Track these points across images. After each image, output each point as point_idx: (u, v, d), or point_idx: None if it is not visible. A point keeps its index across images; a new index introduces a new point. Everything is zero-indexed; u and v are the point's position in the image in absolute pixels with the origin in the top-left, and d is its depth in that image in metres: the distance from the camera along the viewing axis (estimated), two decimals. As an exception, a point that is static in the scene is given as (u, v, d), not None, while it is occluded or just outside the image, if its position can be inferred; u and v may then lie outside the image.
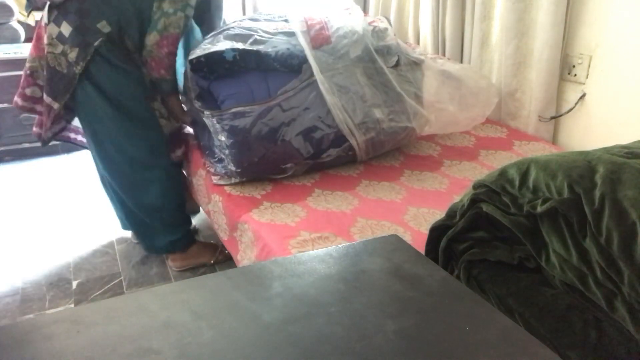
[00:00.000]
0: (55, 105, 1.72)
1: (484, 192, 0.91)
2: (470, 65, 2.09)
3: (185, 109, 1.83)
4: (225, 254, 1.96)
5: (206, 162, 1.70)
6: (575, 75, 1.77)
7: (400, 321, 0.64)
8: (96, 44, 1.61)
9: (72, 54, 1.62)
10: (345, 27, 1.61)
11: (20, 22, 3.15)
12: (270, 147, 1.52)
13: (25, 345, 0.60)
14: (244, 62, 1.54)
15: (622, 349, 0.76)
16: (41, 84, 1.78)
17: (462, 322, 0.64)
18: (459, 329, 0.63)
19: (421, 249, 0.97)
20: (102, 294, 1.85)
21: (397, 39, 1.73)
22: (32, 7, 1.72)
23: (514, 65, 1.89)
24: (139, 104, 1.74)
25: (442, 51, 2.22)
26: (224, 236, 1.59)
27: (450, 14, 2.12)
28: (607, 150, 0.91)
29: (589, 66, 1.72)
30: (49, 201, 2.51)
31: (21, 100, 1.85)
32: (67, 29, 1.61)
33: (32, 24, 3.17)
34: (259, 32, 1.60)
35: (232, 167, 1.54)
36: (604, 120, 1.71)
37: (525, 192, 0.86)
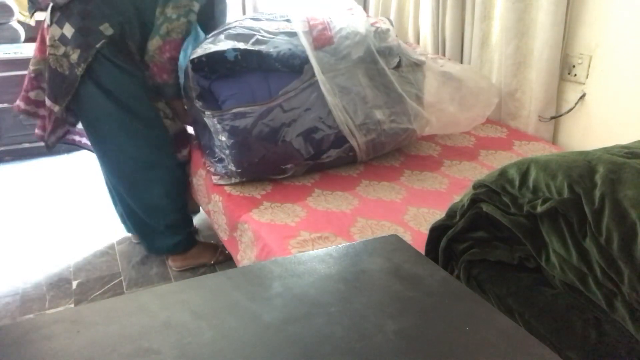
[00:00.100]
0: (55, 108, 1.70)
1: (484, 192, 0.91)
2: (470, 65, 2.09)
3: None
4: (225, 254, 1.96)
5: (206, 161, 1.70)
6: (575, 75, 1.77)
7: (400, 321, 0.64)
8: (98, 46, 1.61)
9: (74, 55, 1.62)
10: (347, 28, 1.61)
11: (20, 22, 3.15)
12: (270, 148, 1.52)
13: (25, 345, 0.60)
14: (246, 62, 1.54)
15: (622, 349, 0.76)
16: (45, 87, 1.77)
17: (462, 322, 0.64)
18: (459, 329, 0.63)
19: (421, 249, 0.97)
20: (102, 294, 1.85)
21: (398, 40, 1.73)
22: (35, 9, 1.72)
23: (514, 65, 1.89)
24: (142, 104, 1.74)
25: (442, 51, 2.22)
26: (224, 236, 1.59)
27: (450, 14, 2.12)
28: (607, 150, 0.91)
29: (589, 66, 1.72)
30: (49, 201, 2.51)
31: (24, 103, 1.83)
32: (69, 30, 1.61)
33: (32, 24, 3.17)
34: (260, 32, 1.59)
35: (232, 167, 1.54)
36: (604, 120, 1.71)
37: (525, 192, 0.86)
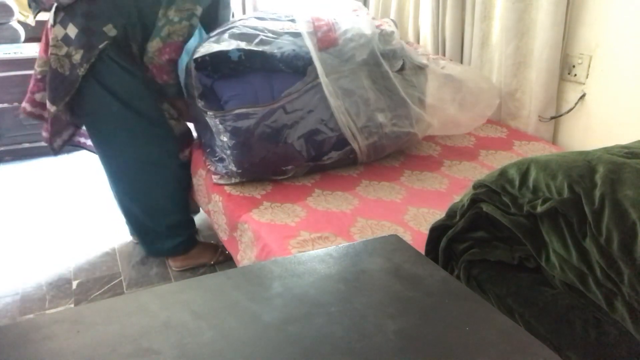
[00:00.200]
0: (52, 108, 1.70)
1: (484, 192, 0.91)
2: (471, 66, 2.09)
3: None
4: (225, 254, 1.96)
5: (207, 160, 1.69)
6: (575, 75, 1.77)
7: (400, 321, 0.64)
8: (101, 47, 1.61)
9: (77, 55, 1.61)
10: (352, 30, 1.60)
11: (20, 22, 3.15)
12: (272, 149, 1.52)
13: (25, 345, 0.60)
14: (249, 62, 1.53)
15: (622, 349, 0.76)
16: None
17: (462, 322, 0.64)
18: (459, 329, 0.63)
19: (421, 249, 0.97)
20: (102, 294, 1.85)
21: (402, 43, 1.71)
22: (39, 9, 1.71)
23: (514, 65, 1.89)
24: (146, 104, 1.74)
25: (442, 51, 2.22)
26: (224, 236, 1.59)
27: (450, 14, 2.12)
28: (607, 150, 0.91)
29: (589, 66, 1.72)
30: (49, 201, 2.51)
31: (30, 106, 1.82)
32: (73, 30, 1.61)
33: (33, 24, 3.17)
34: (265, 32, 1.58)
35: (232, 168, 1.54)
36: (604, 120, 1.71)
37: (525, 192, 0.86)
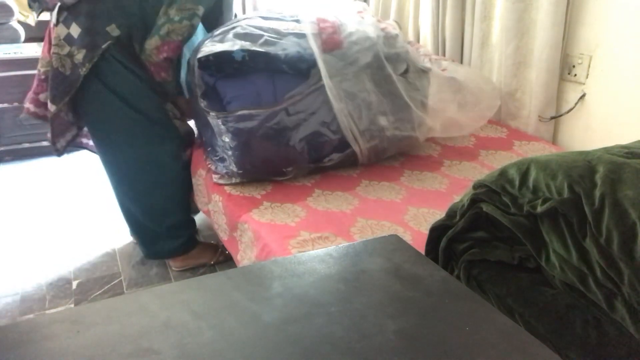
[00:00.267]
0: (52, 107, 1.70)
1: (484, 192, 0.91)
2: (472, 66, 2.08)
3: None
4: (225, 254, 1.96)
5: (207, 159, 1.69)
6: (575, 75, 1.77)
7: (400, 321, 0.64)
8: (104, 47, 1.61)
9: (79, 55, 1.61)
10: (357, 33, 1.59)
11: (20, 22, 3.15)
12: (273, 151, 1.52)
13: (25, 345, 0.60)
14: (253, 62, 1.52)
15: (622, 349, 0.76)
16: None
17: (462, 322, 0.64)
18: (459, 329, 0.63)
19: (421, 249, 0.97)
20: (102, 294, 1.85)
21: (407, 46, 1.70)
22: (42, 8, 1.71)
23: (514, 65, 1.89)
24: (150, 105, 1.74)
25: (442, 51, 2.22)
26: (224, 236, 1.59)
27: (450, 14, 2.12)
28: (607, 150, 0.91)
29: (589, 66, 1.72)
30: (49, 201, 2.51)
31: (33, 106, 1.81)
32: (76, 30, 1.61)
33: (33, 24, 3.17)
34: (269, 33, 1.57)
35: (233, 168, 1.54)
36: (604, 120, 1.71)
37: (525, 192, 0.86)
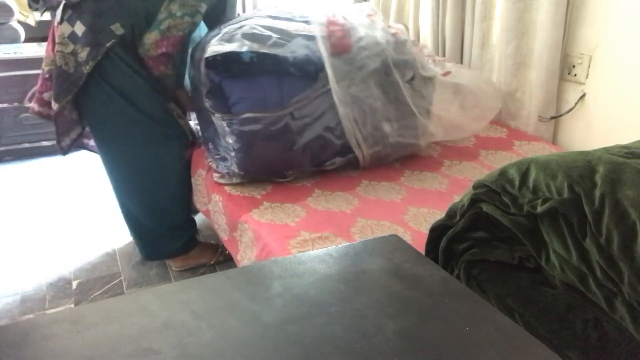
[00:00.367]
0: (55, 106, 1.69)
1: (484, 192, 0.91)
2: (472, 66, 2.08)
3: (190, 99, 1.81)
4: (225, 254, 1.96)
5: (208, 156, 1.68)
6: (575, 75, 1.77)
7: (400, 321, 0.64)
8: (108, 45, 1.61)
9: (83, 53, 1.61)
10: (367, 38, 1.57)
11: (20, 22, 3.15)
12: (276, 154, 1.52)
13: (25, 345, 0.60)
14: (261, 64, 1.50)
15: (622, 349, 0.76)
16: None
17: (462, 322, 0.64)
18: (459, 329, 0.63)
19: (421, 249, 0.97)
20: (102, 294, 1.85)
21: (415, 52, 1.69)
22: (45, 7, 1.71)
23: (514, 65, 1.89)
24: (153, 104, 1.74)
25: (442, 51, 2.22)
26: (224, 236, 1.59)
27: (450, 14, 2.12)
28: (607, 150, 0.91)
29: (589, 66, 1.72)
30: (49, 201, 2.51)
31: (38, 105, 1.81)
32: (80, 28, 1.60)
33: (33, 24, 3.17)
34: (278, 34, 1.55)
35: (235, 169, 1.54)
36: (604, 120, 1.71)
37: (525, 192, 0.86)
